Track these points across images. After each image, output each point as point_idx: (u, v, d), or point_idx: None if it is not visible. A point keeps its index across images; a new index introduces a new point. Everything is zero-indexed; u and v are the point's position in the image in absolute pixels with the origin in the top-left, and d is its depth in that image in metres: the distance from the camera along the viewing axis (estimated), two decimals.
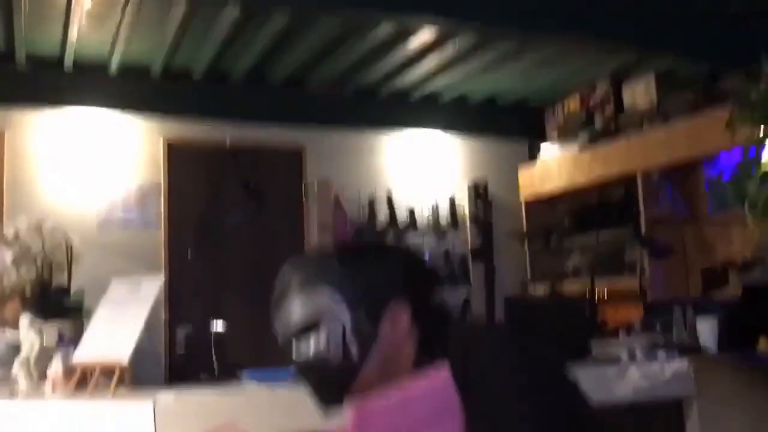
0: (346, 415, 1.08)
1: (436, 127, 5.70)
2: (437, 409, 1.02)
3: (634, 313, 3.79)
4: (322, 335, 1.11)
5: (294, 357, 1.15)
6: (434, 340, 1.12)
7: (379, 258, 1.18)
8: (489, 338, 1.13)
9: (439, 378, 1.04)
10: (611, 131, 5.01)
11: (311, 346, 1.12)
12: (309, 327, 1.13)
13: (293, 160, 5.34)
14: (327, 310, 1.12)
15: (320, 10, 3.87)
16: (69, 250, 3.07)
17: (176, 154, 5.07)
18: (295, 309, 1.13)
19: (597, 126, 5.14)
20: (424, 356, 1.11)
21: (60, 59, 4.57)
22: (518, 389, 1.02)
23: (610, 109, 5.03)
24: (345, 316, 1.11)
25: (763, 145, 3.28)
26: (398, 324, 1.13)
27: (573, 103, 5.39)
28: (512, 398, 1.01)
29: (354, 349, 1.11)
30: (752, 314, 2.95)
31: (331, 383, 1.13)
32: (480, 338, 1.13)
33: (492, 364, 1.05)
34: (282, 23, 4.12)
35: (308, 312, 1.12)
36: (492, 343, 1.11)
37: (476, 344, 1.10)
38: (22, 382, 2.20)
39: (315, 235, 5.23)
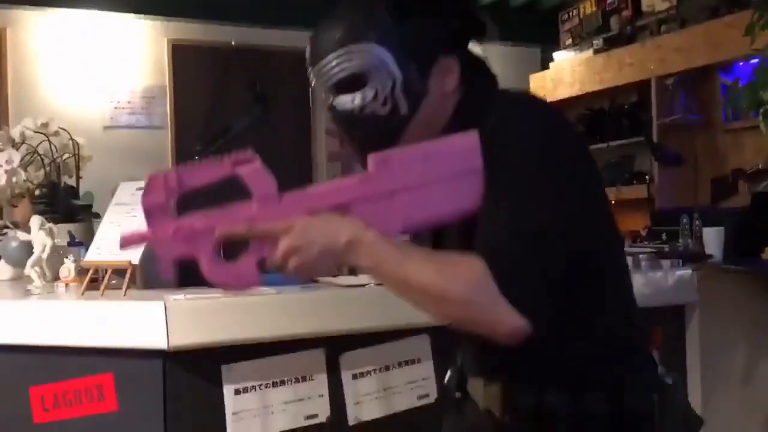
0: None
1: None
2: (458, 167, 1.00)
3: (641, 222, 3.80)
4: (369, 90, 1.07)
5: (335, 111, 1.11)
6: (476, 103, 1.08)
7: (431, 7, 1.10)
8: (524, 111, 1.06)
9: (467, 139, 1.01)
10: (627, 35, 4.88)
11: (357, 99, 1.08)
12: (353, 81, 1.08)
13: (300, 64, 5.22)
14: (376, 65, 1.06)
15: None
16: (76, 151, 3.08)
17: (181, 56, 4.99)
18: (339, 63, 1.07)
19: (613, 30, 5.00)
20: (461, 117, 1.08)
21: None
22: (544, 167, 0.98)
23: (627, 12, 4.87)
24: (395, 71, 1.06)
25: None
26: (447, 81, 1.09)
27: (589, 5, 5.23)
28: (535, 173, 0.98)
29: (402, 104, 1.08)
30: (759, 223, 2.96)
31: (377, 137, 1.09)
32: (517, 109, 1.07)
33: (522, 136, 1.00)
34: None
35: (355, 66, 1.07)
36: (526, 116, 1.05)
37: (512, 115, 1.05)
38: (36, 282, 2.25)
39: (322, 140, 5.20)
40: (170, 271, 0.98)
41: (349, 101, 1.08)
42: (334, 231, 0.97)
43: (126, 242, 0.99)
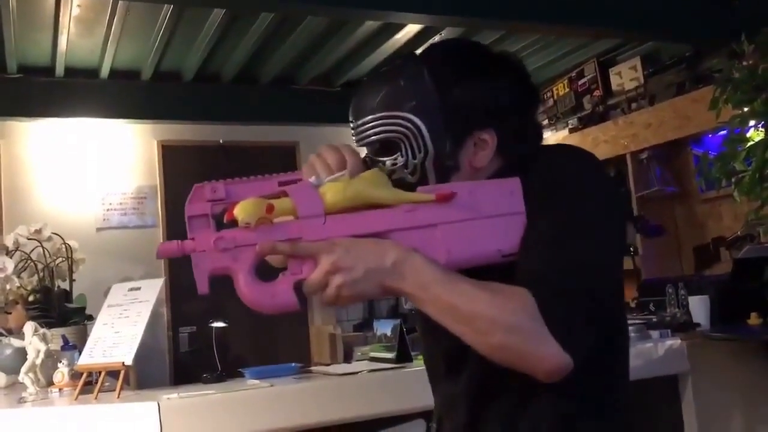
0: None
1: None
2: (500, 208, 0.99)
3: (629, 293, 3.84)
4: (400, 158, 1.05)
5: (369, 165, 1.08)
6: (514, 170, 1.03)
7: (480, 76, 1.06)
8: (575, 155, 1.06)
9: (511, 182, 1.00)
10: (600, 114, 5.06)
11: (387, 163, 1.06)
12: (386, 146, 1.06)
13: (287, 156, 5.38)
14: (409, 136, 1.04)
15: (305, 11, 3.90)
16: (69, 255, 3.12)
17: (170, 156, 5.11)
18: (375, 127, 1.05)
19: (586, 109, 5.19)
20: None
21: (51, 67, 4.60)
22: (594, 210, 0.98)
23: (598, 92, 5.07)
24: (428, 144, 1.04)
25: (747, 124, 3.31)
26: (479, 156, 1.06)
27: (562, 87, 5.43)
28: (584, 214, 0.97)
29: (431, 177, 1.05)
30: (743, 290, 3.01)
31: None
32: (568, 154, 1.06)
33: (573, 179, 1.00)
34: (268, 23, 4.15)
35: (389, 133, 1.05)
36: (577, 160, 1.04)
37: (562, 158, 1.04)
38: (30, 388, 2.25)
39: None
40: (205, 284, 0.93)
41: (380, 163, 1.07)
42: (380, 251, 0.93)
43: (163, 252, 0.94)
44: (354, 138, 1.10)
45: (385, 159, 1.07)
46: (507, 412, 1.03)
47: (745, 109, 3.30)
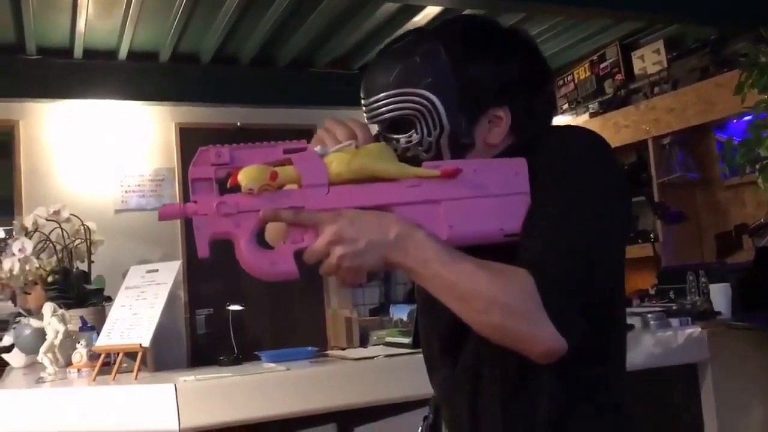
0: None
1: None
2: (505, 188, 0.99)
3: (648, 280, 3.80)
4: (415, 135, 1.04)
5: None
6: (525, 148, 1.02)
7: (495, 54, 1.05)
8: (584, 138, 1.03)
9: (517, 163, 1.00)
10: (621, 99, 4.99)
11: (402, 141, 1.05)
12: (401, 123, 1.05)
13: (305, 138, 5.35)
14: (425, 113, 1.03)
15: None
16: (88, 237, 3.14)
17: (188, 138, 5.12)
18: (390, 104, 1.04)
19: (607, 93, 5.11)
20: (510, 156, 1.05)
21: (70, 49, 4.61)
22: (599, 194, 0.97)
23: (620, 76, 4.99)
24: (444, 121, 1.03)
25: None
26: (493, 133, 1.05)
27: (583, 71, 5.36)
28: (592, 198, 0.96)
29: (446, 154, 1.04)
30: (765, 278, 2.96)
31: None
32: (577, 136, 1.04)
33: (580, 160, 0.99)
34: (286, 5, 4.12)
35: (404, 111, 1.04)
36: (586, 142, 1.02)
37: (571, 140, 1.03)
38: (48, 369, 2.26)
39: None
40: (206, 248, 0.92)
41: (393, 140, 1.06)
42: (384, 224, 0.93)
43: (165, 214, 0.95)
44: (366, 115, 1.09)
45: (399, 136, 1.05)
46: (504, 400, 1.03)
47: None
